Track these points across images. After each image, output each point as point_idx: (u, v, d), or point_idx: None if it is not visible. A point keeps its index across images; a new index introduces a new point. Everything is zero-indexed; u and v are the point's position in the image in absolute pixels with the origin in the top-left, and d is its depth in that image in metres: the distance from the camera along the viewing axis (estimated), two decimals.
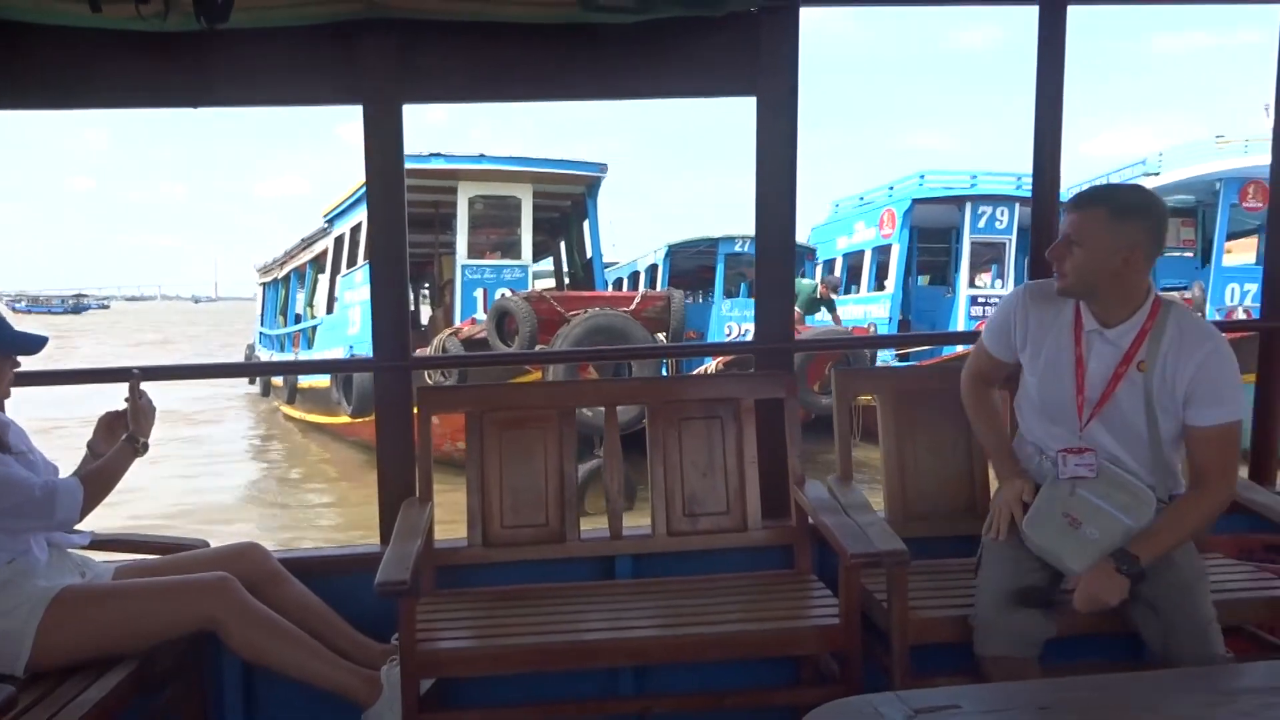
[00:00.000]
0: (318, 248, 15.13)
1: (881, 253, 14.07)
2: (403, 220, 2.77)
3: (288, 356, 16.11)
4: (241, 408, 18.79)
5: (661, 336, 9.64)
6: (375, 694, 2.36)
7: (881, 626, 2.39)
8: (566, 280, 14.11)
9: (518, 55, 2.74)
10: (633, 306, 9.57)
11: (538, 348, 8.87)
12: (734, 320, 14.47)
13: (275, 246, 17.75)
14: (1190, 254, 13.85)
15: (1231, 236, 12.66)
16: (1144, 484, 2.25)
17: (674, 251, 15.35)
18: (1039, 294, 2.38)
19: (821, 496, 2.67)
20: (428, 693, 2.37)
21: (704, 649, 2.35)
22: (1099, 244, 2.18)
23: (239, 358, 22.33)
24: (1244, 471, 3.06)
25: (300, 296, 17.12)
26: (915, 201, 13.36)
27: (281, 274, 18.28)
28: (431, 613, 2.50)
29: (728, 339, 14.13)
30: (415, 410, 2.75)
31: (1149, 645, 2.23)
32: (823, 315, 13.49)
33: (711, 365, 10.38)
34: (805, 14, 2.78)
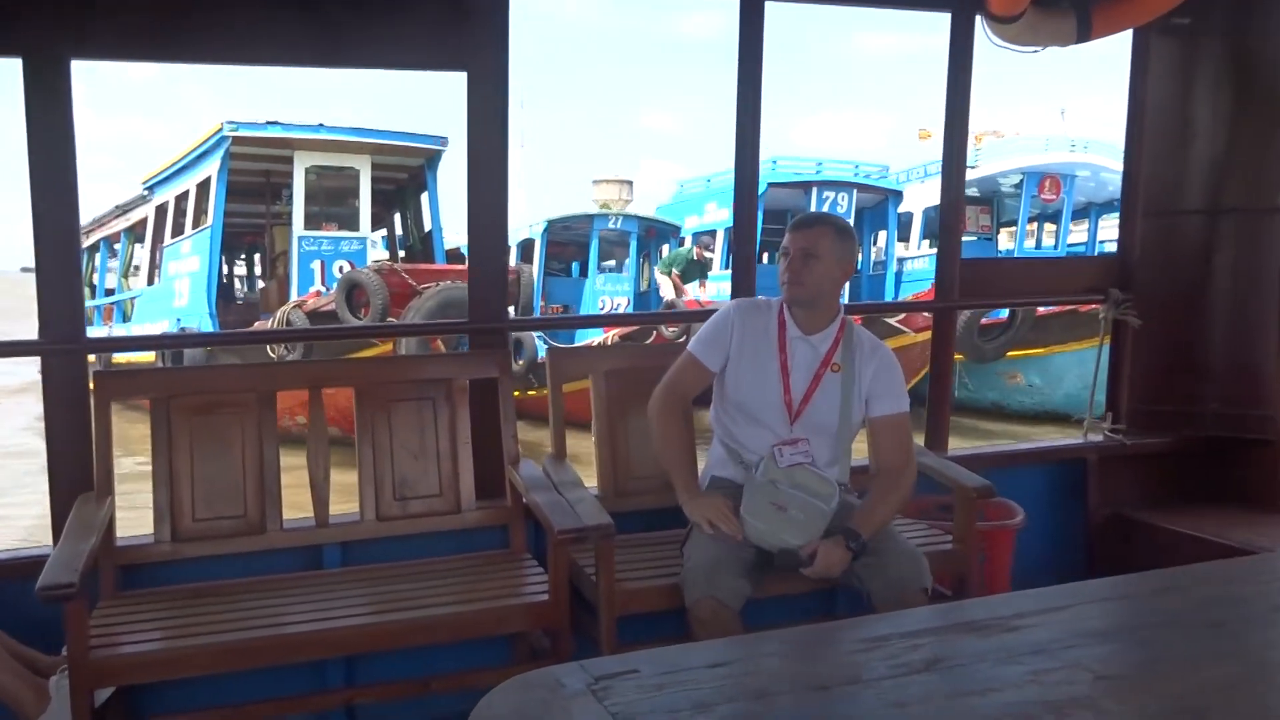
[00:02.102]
0: (135, 216, 14.01)
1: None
2: (73, 191, 2.50)
3: (99, 331, 14.43)
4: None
5: (511, 310, 9.57)
6: (44, 704, 2.14)
7: (591, 599, 2.44)
8: (402, 253, 13.79)
9: (214, 14, 2.55)
10: None
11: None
12: (607, 294, 14.49)
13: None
14: (988, 238, 15.90)
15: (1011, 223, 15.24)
16: (826, 471, 2.52)
17: (551, 227, 15.21)
18: (748, 309, 2.65)
19: (535, 475, 2.68)
20: (108, 702, 2.18)
21: (412, 634, 2.31)
22: (832, 258, 2.52)
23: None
24: (920, 440, 3.38)
25: (115, 266, 15.67)
26: (770, 185, 13.70)
27: (88, 243, 16.44)
28: (111, 616, 2.30)
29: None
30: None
31: (872, 591, 2.41)
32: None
33: (607, 337, 10.41)
34: None
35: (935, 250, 3.96)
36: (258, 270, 19.07)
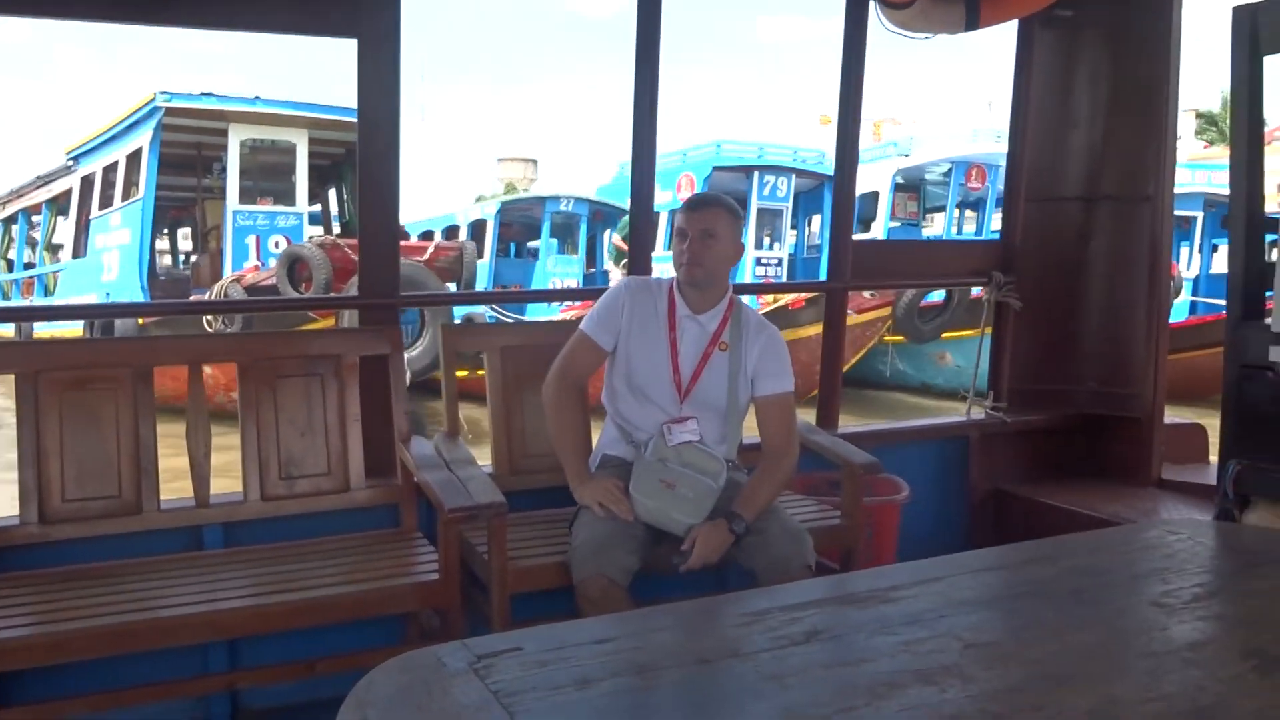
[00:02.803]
0: (58, 187, 13.40)
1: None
2: None
3: (15, 304, 14.04)
4: None
5: (453, 286, 9.81)
6: None
7: (484, 578, 2.43)
8: (338, 229, 13.57)
9: None
10: (426, 256, 9.85)
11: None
12: (558, 275, 14.56)
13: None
14: (914, 224, 16.73)
15: (939, 210, 15.92)
16: (715, 449, 2.54)
17: (505, 208, 15.45)
18: (638, 287, 2.65)
19: (427, 453, 2.65)
20: None
21: (297, 616, 2.25)
22: (728, 237, 2.55)
23: None
24: (811, 418, 3.45)
25: (35, 238, 15.07)
26: (715, 169, 13.93)
27: (3, 215, 15.79)
28: None
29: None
30: None
31: (757, 570, 2.44)
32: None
33: (561, 315, 10.51)
34: None
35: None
36: (182, 245, 18.82)
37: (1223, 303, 3.53)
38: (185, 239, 18.76)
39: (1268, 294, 2.05)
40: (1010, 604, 1.67)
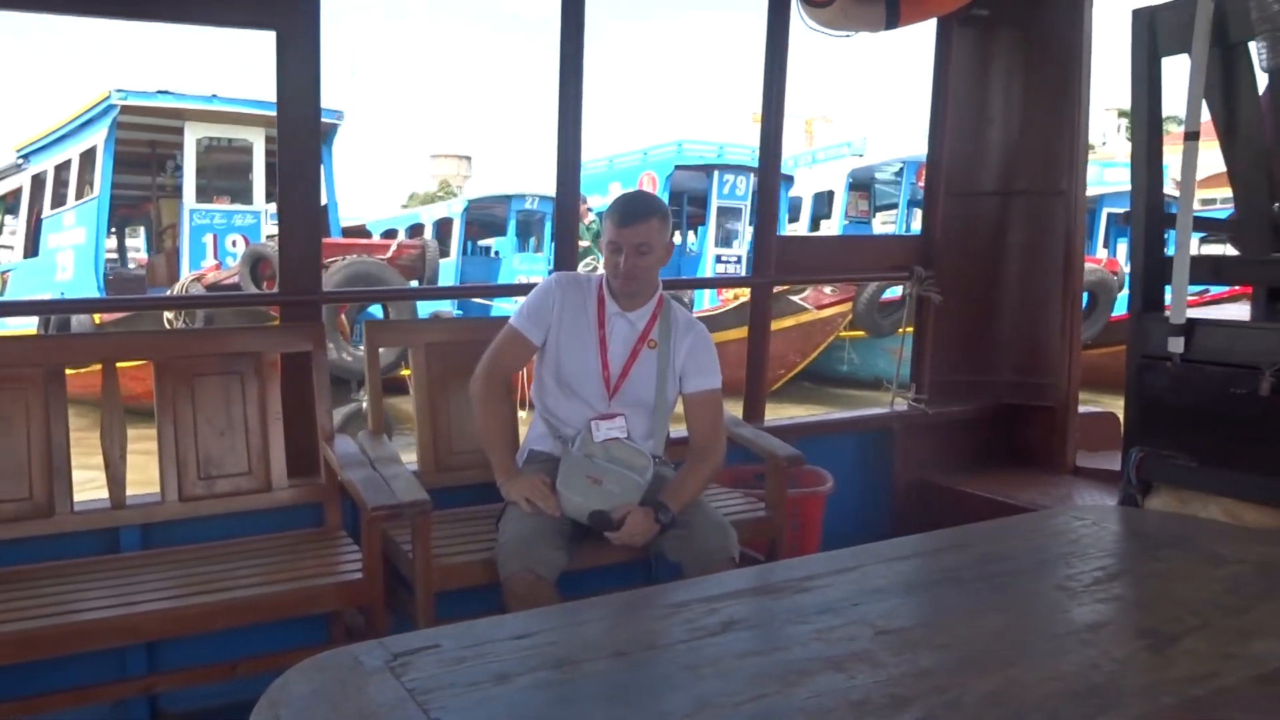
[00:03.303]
0: (6, 185, 13.17)
1: None
2: None
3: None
4: None
5: (415, 283, 10.02)
6: None
7: (409, 577, 2.41)
8: None
9: None
10: (389, 254, 10.21)
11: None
12: (524, 273, 14.43)
13: None
14: (864, 221, 17.18)
15: (891, 207, 16.45)
16: (641, 445, 2.56)
17: (471, 206, 15.53)
18: (568, 283, 2.65)
19: (351, 452, 2.63)
20: None
21: (217, 617, 2.22)
22: (661, 245, 2.55)
23: None
24: (739, 411, 3.49)
25: None
26: (677, 168, 14.08)
27: None
28: None
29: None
30: None
31: (682, 563, 2.46)
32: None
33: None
34: None
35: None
36: (130, 244, 18.62)
37: None
38: (132, 238, 18.62)
39: (1167, 288, 2.13)
40: (921, 591, 1.72)
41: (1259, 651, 1.44)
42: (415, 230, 16.69)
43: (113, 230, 17.12)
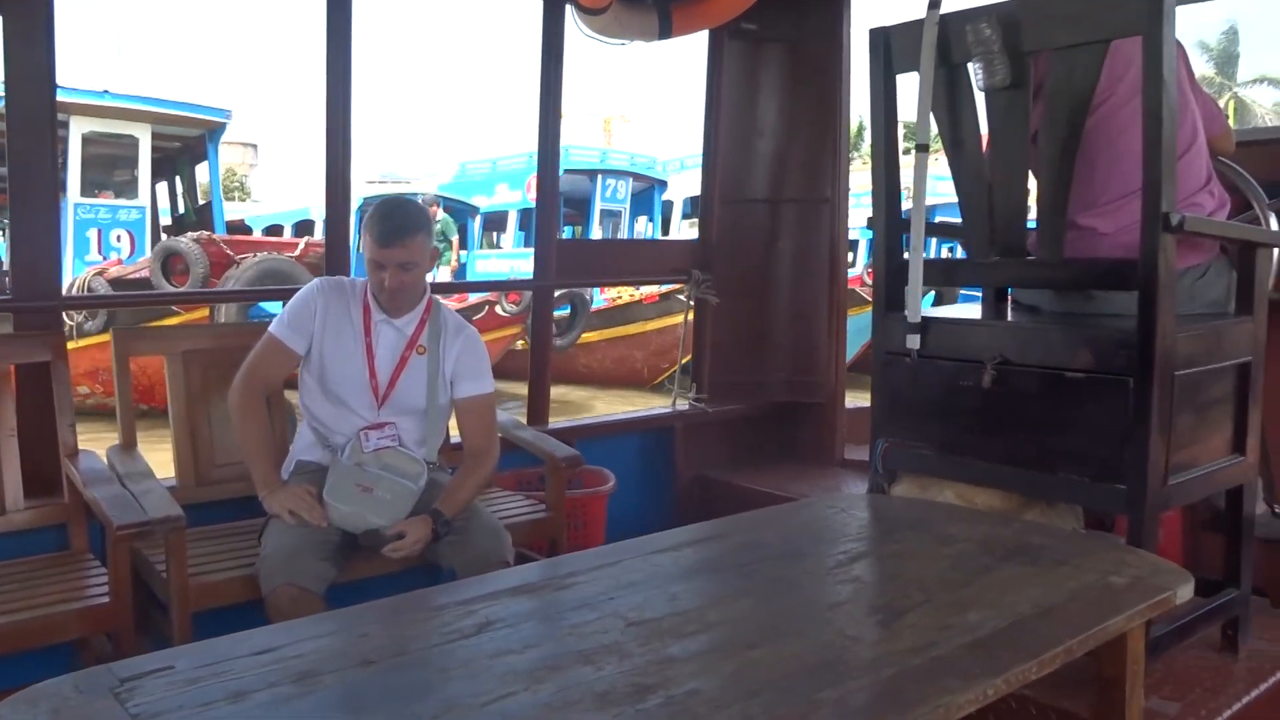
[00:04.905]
0: None
1: (528, 215, 14.60)
2: None
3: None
4: None
5: None
6: None
7: (163, 597, 2.28)
8: (168, 223, 13.60)
9: None
10: (298, 252, 10.36)
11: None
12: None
13: None
14: None
15: None
16: (414, 452, 2.53)
17: (366, 204, 14.24)
18: (331, 289, 2.58)
19: (97, 468, 2.46)
20: None
21: None
22: (425, 257, 2.51)
23: None
24: (522, 417, 3.50)
25: None
26: (565, 171, 13.65)
27: None
28: None
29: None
30: None
31: (456, 568, 2.45)
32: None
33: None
34: None
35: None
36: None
37: None
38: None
39: (905, 289, 2.28)
40: (676, 582, 1.77)
41: (973, 621, 1.57)
42: (303, 226, 16.11)
43: None
